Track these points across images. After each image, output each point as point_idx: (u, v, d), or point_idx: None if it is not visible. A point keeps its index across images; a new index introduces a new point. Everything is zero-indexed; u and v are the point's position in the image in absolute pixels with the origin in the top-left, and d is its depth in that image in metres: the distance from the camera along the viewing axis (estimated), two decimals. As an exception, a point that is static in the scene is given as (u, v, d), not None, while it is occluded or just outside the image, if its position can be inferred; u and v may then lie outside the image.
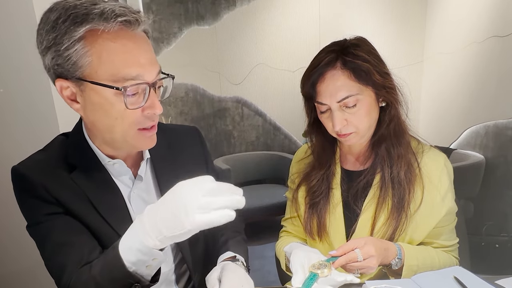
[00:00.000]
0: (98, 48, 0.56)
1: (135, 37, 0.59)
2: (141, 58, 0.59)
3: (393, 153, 0.81)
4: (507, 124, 2.11)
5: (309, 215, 0.88)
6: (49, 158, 0.68)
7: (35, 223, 0.66)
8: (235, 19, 2.96)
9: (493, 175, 2.21)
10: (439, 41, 2.84)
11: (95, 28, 0.55)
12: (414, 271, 0.75)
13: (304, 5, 2.98)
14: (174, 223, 0.51)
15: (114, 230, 0.67)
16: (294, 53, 3.05)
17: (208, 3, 2.91)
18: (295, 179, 0.95)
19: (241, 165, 2.99)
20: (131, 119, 0.60)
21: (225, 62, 3.03)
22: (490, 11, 2.22)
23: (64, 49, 0.56)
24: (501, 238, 1.89)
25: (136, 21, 0.58)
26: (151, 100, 0.61)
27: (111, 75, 0.57)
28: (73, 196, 0.65)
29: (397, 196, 0.79)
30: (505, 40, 2.10)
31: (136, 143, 0.65)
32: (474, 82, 2.41)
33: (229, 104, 3.11)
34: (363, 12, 3.00)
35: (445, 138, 2.70)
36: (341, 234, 0.85)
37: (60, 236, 0.64)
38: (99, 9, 0.55)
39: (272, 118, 3.19)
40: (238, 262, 0.73)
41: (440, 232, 0.82)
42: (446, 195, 0.80)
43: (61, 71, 0.58)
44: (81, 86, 0.59)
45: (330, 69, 0.76)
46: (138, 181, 0.73)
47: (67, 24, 0.55)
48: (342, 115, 0.77)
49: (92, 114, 0.61)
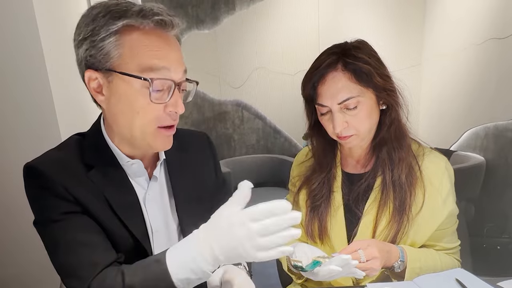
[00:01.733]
0: (131, 42, 0.59)
1: (168, 37, 0.62)
2: (170, 54, 0.61)
3: (394, 156, 0.81)
4: (507, 125, 2.11)
5: (310, 218, 0.88)
6: (66, 156, 0.68)
7: (49, 221, 0.65)
8: (234, 23, 2.98)
9: (493, 176, 2.21)
10: (437, 43, 2.86)
11: (132, 24, 0.59)
12: (416, 273, 0.75)
13: (302, 8, 3.00)
14: (234, 255, 0.53)
15: (128, 230, 0.68)
16: (294, 57, 3.06)
17: (208, 8, 2.93)
18: (296, 182, 0.95)
19: (242, 168, 3.00)
20: (152, 114, 0.62)
21: (225, 66, 3.04)
22: (489, 13, 2.23)
23: (100, 40, 0.59)
24: (503, 239, 1.89)
25: (170, 23, 0.61)
26: (175, 99, 0.62)
27: (139, 65, 0.59)
28: (90, 194, 0.66)
29: (398, 199, 0.79)
30: (504, 42, 2.11)
31: (154, 142, 0.66)
32: (473, 83, 2.42)
33: (229, 107, 3.12)
34: (362, 15, 3.02)
35: (445, 140, 2.70)
36: (343, 237, 0.85)
37: (76, 236, 0.63)
38: (138, 8, 0.59)
39: (272, 121, 3.19)
40: (240, 266, 0.73)
41: (441, 234, 0.82)
42: (447, 197, 0.80)
43: (93, 61, 0.61)
44: (109, 77, 0.61)
45: (331, 70, 0.76)
46: (153, 182, 0.74)
47: (107, 18, 0.59)
48: (343, 117, 0.77)
49: (115, 106, 0.63)
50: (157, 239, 0.74)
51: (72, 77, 1.53)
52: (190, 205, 0.78)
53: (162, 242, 0.76)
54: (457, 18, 2.57)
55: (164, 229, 0.76)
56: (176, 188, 0.77)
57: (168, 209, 0.77)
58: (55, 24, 1.37)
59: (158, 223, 0.75)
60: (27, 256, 1.24)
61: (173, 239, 0.77)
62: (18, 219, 1.23)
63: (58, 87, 1.26)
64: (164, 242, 0.76)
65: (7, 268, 1.29)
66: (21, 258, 1.28)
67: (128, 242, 0.68)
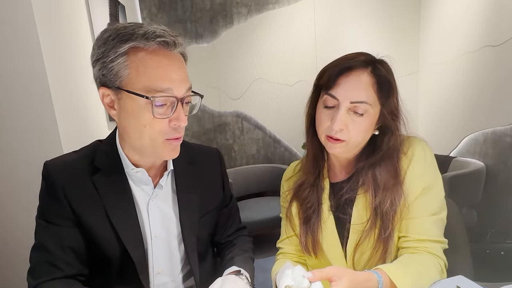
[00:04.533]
0: (137, 63, 0.64)
1: (171, 56, 0.67)
2: (173, 74, 0.66)
3: (379, 182, 0.77)
4: (505, 131, 2.13)
5: (304, 231, 0.86)
6: (78, 159, 0.74)
7: (45, 220, 0.71)
8: (232, 36, 3.03)
9: (494, 182, 2.21)
10: (433, 52, 2.90)
11: (137, 46, 0.64)
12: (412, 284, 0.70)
13: (299, 20, 3.05)
14: None
15: (117, 236, 0.72)
16: (291, 68, 3.10)
17: (206, 22, 2.98)
18: (287, 196, 0.93)
19: (242, 178, 3.00)
20: (158, 128, 0.67)
21: (224, 78, 3.08)
22: (482, 21, 2.27)
23: (109, 61, 0.64)
24: (506, 245, 1.87)
25: (173, 43, 0.66)
26: (177, 113, 0.67)
27: (145, 86, 0.64)
28: (87, 199, 0.71)
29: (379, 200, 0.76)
30: (498, 50, 2.14)
31: (162, 152, 0.70)
32: (470, 90, 2.45)
33: (229, 118, 3.14)
34: (359, 25, 3.08)
35: (444, 146, 2.71)
36: (337, 248, 0.83)
37: (51, 244, 0.70)
38: (142, 31, 0.64)
39: (272, 131, 3.21)
40: (242, 276, 0.73)
41: (419, 222, 0.76)
42: (421, 172, 0.77)
43: (105, 80, 0.67)
44: (119, 95, 0.66)
45: (361, 68, 0.74)
46: (158, 189, 0.78)
47: (115, 41, 0.64)
48: (346, 118, 0.74)
49: (125, 120, 0.68)
50: (156, 245, 0.77)
51: (71, 79, 1.56)
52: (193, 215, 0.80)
53: (162, 248, 0.79)
54: (452, 27, 2.61)
55: (165, 235, 0.78)
56: (182, 198, 0.80)
57: (171, 216, 0.79)
58: (55, 23, 1.39)
59: (158, 229, 0.77)
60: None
61: (172, 246, 0.79)
62: (23, 219, 1.24)
63: (57, 90, 1.28)
64: (163, 247, 0.78)
65: (15, 268, 1.29)
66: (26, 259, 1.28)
67: (116, 247, 0.72)
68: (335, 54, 0.82)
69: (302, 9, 3.03)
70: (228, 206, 0.93)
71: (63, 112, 1.31)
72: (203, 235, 0.84)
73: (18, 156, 1.23)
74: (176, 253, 0.80)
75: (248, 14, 3.03)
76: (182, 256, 0.81)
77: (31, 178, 1.18)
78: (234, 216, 0.95)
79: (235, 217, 0.95)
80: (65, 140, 1.27)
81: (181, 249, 0.81)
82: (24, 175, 1.23)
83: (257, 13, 3.03)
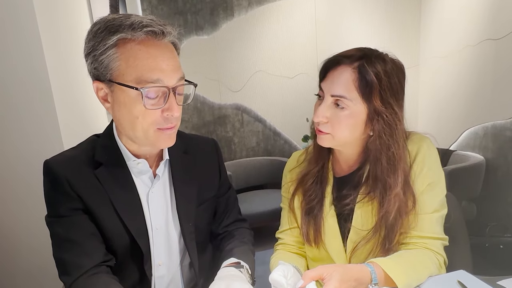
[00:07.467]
0: (126, 54, 0.63)
1: (160, 45, 0.66)
2: (163, 64, 0.65)
3: (387, 189, 0.76)
4: (505, 124, 2.12)
5: (306, 221, 0.87)
6: (78, 154, 0.74)
7: (57, 215, 0.71)
8: (233, 28, 3.00)
9: (494, 175, 2.22)
10: (434, 45, 2.88)
11: (125, 37, 0.63)
12: (409, 283, 0.70)
13: (300, 12, 3.02)
14: None
15: (125, 227, 0.72)
16: (292, 60, 3.08)
17: (206, 14, 2.95)
18: (290, 187, 0.92)
19: (242, 170, 3.00)
20: (151, 119, 0.66)
21: (224, 70, 3.06)
22: (483, 15, 2.25)
23: (99, 54, 0.64)
24: (505, 238, 1.88)
25: (161, 32, 0.65)
26: (170, 103, 0.66)
27: (135, 77, 0.63)
28: (94, 191, 0.71)
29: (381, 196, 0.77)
30: (499, 43, 2.13)
31: (156, 141, 0.70)
32: (470, 84, 2.44)
33: (229, 111, 3.13)
34: (359, 18, 3.04)
35: (444, 139, 2.71)
36: (337, 241, 0.84)
37: (71, 234, 0.69)
38: (130, 21, 0.63)
39: (272, 123, 3.21)
40: (242, 269, 0.73)
41: (421, 219, 0.77)
42: (426, 170, 0.77)
43: (97, 74, 0.66)
44: (111, 87, 0.66)
45: (347, 64, 0.76)
46: (157, 180, 0.78)
47: (104, 33, 0.64)
48: (327, 110, 0.77)
49: (118, 112, 0.68)
50: (157, 237, 0.77)
51: (72, 75, 1.54)
52: (190, 205, 0.80)
53: (162, 240, 0.79)
54: (452, 21, 2.59)
55: (165, 227, 0.79)
56: (178, 188, 0.80)
57: (169, 207, 0.80)
58: (55, 17, 1.38)
59: (159, 221, 0.77)
60: (39, 253, 1.25)
61: (172, 238, 0.80)
62: (28, 216, 1.25)
63: (58, 87, 1.27)
64: (164, 240, 0.78)
65: (19, 265, 1.30)
66: (32, 255, 1.29)
67: (124, 239, 0.72)
68: (336, 47, 0.83)
69: (303, 1, 3.00)
70: (226, 195, 0.92)
71: (64, 109, 1.31)
72: (201, 224, 0.84)
73: (19, 154, 1.23)
74: (176, 245, 0.80)
75: (249, 6, 2.99)
76: (182, 247, 0.81)
77: (32, 176, 1.18)
78: (233, 206, 0.93)
79: (233, 207, 0.94)
80: (66, 137, 1.27)
81: (181, 241, 0.81)
82: (25, 173, 1.23)
83: (258, 5, 3.00)
